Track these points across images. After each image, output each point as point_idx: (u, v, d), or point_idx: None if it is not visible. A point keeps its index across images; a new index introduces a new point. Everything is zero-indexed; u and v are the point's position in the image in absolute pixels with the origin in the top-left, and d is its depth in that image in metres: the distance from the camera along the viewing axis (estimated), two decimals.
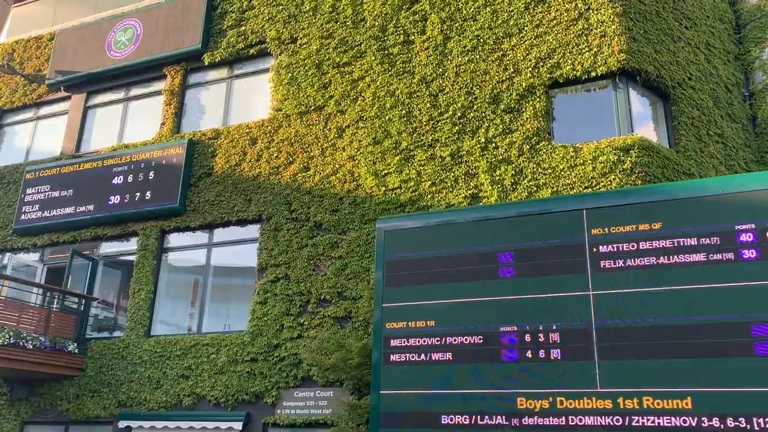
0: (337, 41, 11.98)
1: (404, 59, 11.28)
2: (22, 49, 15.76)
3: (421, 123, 10.72)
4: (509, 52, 10.52)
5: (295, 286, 10.62)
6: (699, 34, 11.17)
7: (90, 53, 14.42)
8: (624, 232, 5.66)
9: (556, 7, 10.45)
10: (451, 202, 10.02)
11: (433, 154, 10.43)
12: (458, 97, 10.59)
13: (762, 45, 11.54)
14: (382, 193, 10.55)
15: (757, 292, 5.06)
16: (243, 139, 12.14)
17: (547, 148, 9.71)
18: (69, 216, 12.92)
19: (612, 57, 9.79)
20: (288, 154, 11.61)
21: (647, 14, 10.40)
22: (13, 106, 15.34)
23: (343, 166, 11.05)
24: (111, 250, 12.97)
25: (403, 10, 11.62)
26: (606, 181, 9.13)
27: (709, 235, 5.36)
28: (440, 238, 6.29)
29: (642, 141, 9.27)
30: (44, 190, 13.40)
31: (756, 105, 11.27)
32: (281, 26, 12.68)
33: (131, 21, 14.28)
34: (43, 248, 13.47)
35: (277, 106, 12.12)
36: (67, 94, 14.76)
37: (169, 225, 12.20)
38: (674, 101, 10.22)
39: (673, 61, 10.43)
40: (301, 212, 11.07)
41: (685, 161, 9.72)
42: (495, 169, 9.91)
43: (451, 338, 5.82)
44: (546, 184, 9.49)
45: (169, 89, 13.44)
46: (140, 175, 12.54)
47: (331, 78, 11.78)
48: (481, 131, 10.23)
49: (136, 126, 13.83)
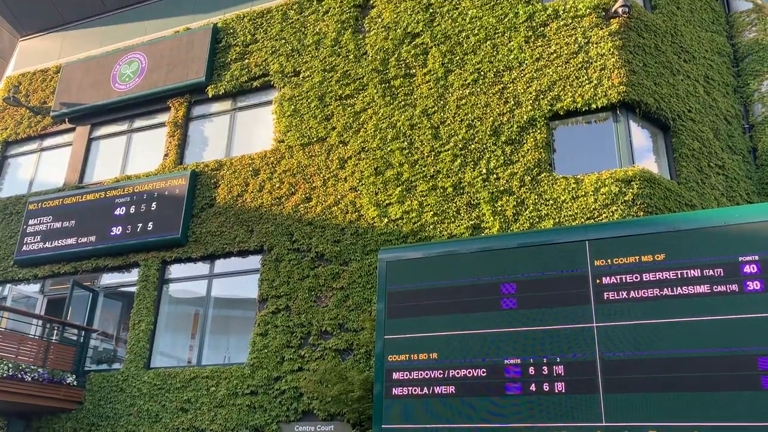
0: (340, 74, 12.12)
1: (406, 92, 11.39)
2: (28, 81, 15.95)
3: (423, 154, 10.78)
4: (510, 85, 10.62)
5: (296, 318, 10.55)
6: (698, 67, 11.28)
7: (95, 86, 14.58)
8: (627, 263, 5.64)
9: (556, 41, 10.59)
10: (453, 233, 10.01)
11: (435, 185, 10.46)
12: (459, 128, 10.66)
13: (760, 78, 11.65)
14: (384, 223, 10.55)
15: (763, 324, 5.01)
16: (245, 170, 12.19)
17: (549, 180, 9.74)
18: (70, 247, 12.91)
19: (612, 89, 9.88)
20: (290, 185, 11.65)
21: (646, 48, 10.52)
22: (18, 137, 15.46)
23: (345, 196, 11.08)
24: (112, 281, 12.93)
25: (405, 43, 11.78)
26: (608, 213, 9.13)
27: (713, 267, 5.34)
28: (442, 269, 6.27)
29: (643, 173, 9.30)
30: (46, 221, 13.41)
31: (756, 137, 11.32)
32: (284, 60, 12.83)
33: (136, 54, 14.47)
34: (44, 279, 13.42)
35: (280, 138, 12.20)
36: (71, 126, 14.88)
37: (171, 256, 12.18)
38: (675, 133, 10.27)
39: (672, 93, 10.52)
40: (303, 243, 11.06)
41: (687, 193, 9.73)
42: (496, 200, 9.93)
43: (454, 371, 5.76)
44: (548, 215, 9.49)
45: (173, 121, 13.55)
46: (142, 206, 12.57)
47: (334, 110, 11.89)
48: (482, 162, 10.27)
49: (140, 157, 13.91)
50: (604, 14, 10.50)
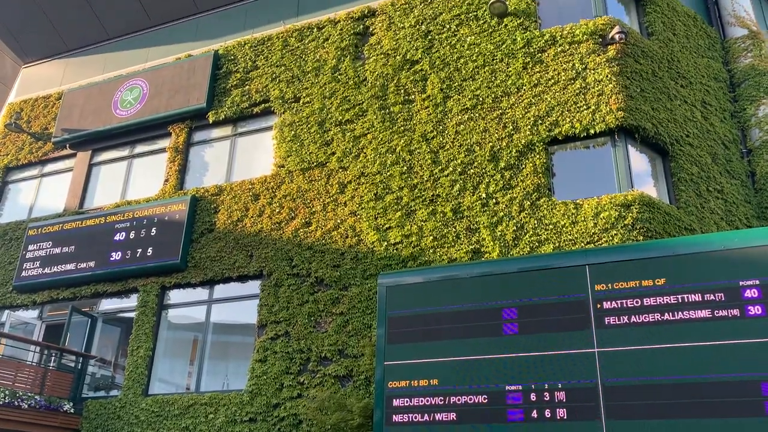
0: (339, 100, 12.21)
1: (405, 117, 11.47)
2: (30, 108, 16.06)
3: (422, 179, 10.82)
4: (508, 111, 10.70)
5: (295, 344, 10.49)
6: (695, 92, 11.38)
7: (96, 112, 14.68)
8: (627, 287, 5.63)
9: (554, 67, 10.69)
10: (453, 258, 10.00)
11: (435, 210, 10.48)
12: (458, 153, 10.71)
13: (757, 103, 11.74)
14: (384, 248, 10.54)
15: (766, 349, 4.98)
16: (245, 195, 12.22)
17: (548, 204, 9.76)
18: (69, 272, 12.88)
19: (610, 115, 9.95)
20: (290, 210, 11.66)
21: (643, 73, 10.62)
22: (19, 163, 15.52)
23: (345, 221, 11.09)
24: (110, 307, 12.88)
25: (404, 70, 11.89)
26: (608, 237, 9.13)
27: (714, 291, 5.33)
28: (443, 293, 6.25)
29: (642, 197, 9.32)
30: (46, 246, 13.40)
31: (754, 161, 11.37)
32: (284, 86, 12.95)
33: (138, 81, 14.59)
34: (43, 305, 13.37)
35: (280, 163, 12.25)
36: (72, 152, 14.95)
37: (170, 281, 12.14)
38: (673, 158, 10.33)
39: (670, 118, 10.59)
40: (303, 268, 11.04)
41: (686, 217, 9.75)
42: (496, 225, 9.93)
43: (455, 398, 5.71)
44: (548, 240, 9.49)
45: (174, 147, 13.62)
46: (142, 232, 12.57)
47: (333, 135, 11.96)
48: (481, 187, 10.30)
49: (140, 183, 13.95)
50: (601, 41, 10.63)
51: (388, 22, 12.59)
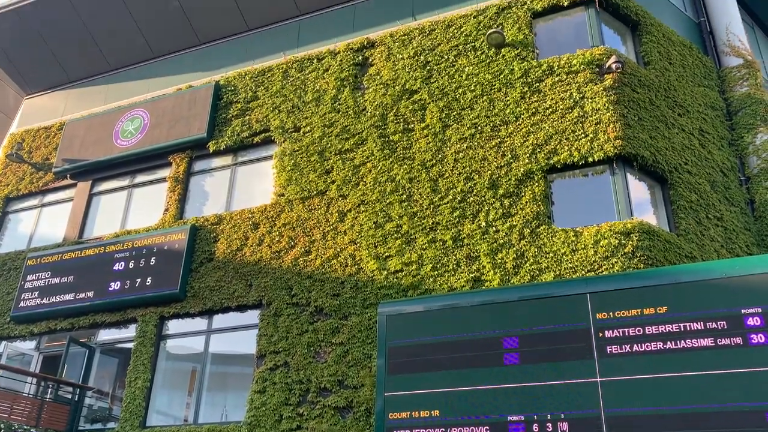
0: (339, 129, 12.30)
1: (404, 146, 11.54)
2: (32, 138, 16.15)
3: (422, 207, 10.83)
4: (507, 139, 10.77)
5: (294, 374, 10.39)
6: (692, 120, 11.47)
7: (97, 142, 14.76)
8: (629, 316, 5.60)
9: (552, 96, 10.79)
10: (453, 286, 9.96)
11: (434, 238, 10.47)
12: (458, 182, 10.75)
13: (754, 131, 11.82)
14: (384, 276, 10.51)
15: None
16: (245, 224, 12.22)
17: (548, 232, 9.76)
18: (68, 303, 12.81)
19: (608, 143, 10.01)
20: (289, 239, 11.66)
21: (640, 102, 10.71)
22: (19, 193, 15.55)
23: (345, 249, 11.07)
24: (109, 338, 12.78)
25: (403, 99, 12.00)
26: (608, 265, 9.11)
27: (716, 319, 5.30)
28: (443, 322, 6.22)
29: (642, 225, 9.33)
30: (44, 276, 13.35)
31: (753, 189, 11.41)
32: (285, 116, 13.04)
33: (139, 111, 14.70)
34: (40, 336, 13.27)
35: (280, 192, 12.28)
36: (72, 182, 14.99)
37: (169, 311, 12.07)
38: (672, 185, 10.36)
39: (668, 146, 10.65)
40: (302, 297, 10.99)
41: (687, 244, 9.74)
42: (496, 253, 9.92)
43: (456, 429, 5.63)
44: (548, 268, 9.47)
45: (174, 176, 13.67)
46: (141, 261, 12.54)
47: (333, 164, 12.01)
48: (481, 215, 10.31)
49: (140, 212, 13.96)
50: (598, 70, 10.74)
51: (387, 53, 12.74)
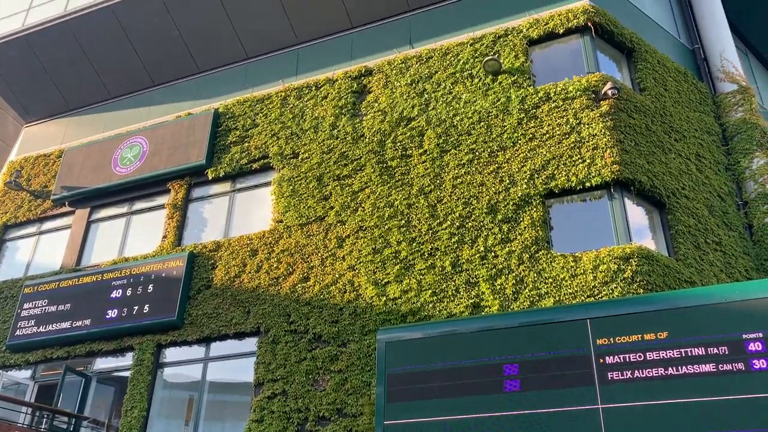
0: (338, 155, 12.35)
1: (402, 171, 11.57)
2: (31, 166, 16.19)
3: (421, 233, 10.82)
4: (504, 165, 10.81)
5: (292, 403, 10.27)
6: (688, 145, 11.53)
7: (96, 169, 14.79)
8: (630, 342, 5.56)
9: (548, 122, 10.86)
10: (452, 312, 9.91)
11: (433, 263, 10.44)
12: (456, 207, 10.76)
13: (750, 156, 11.88)
14: (383, 303, 10.46)
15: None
16: (243, 251, 12.19)
17: (547, 257, 9.74)
18: (64, 331, 12.71)
19: (605, 168, 10.05)
20: (288, 265, 11.62)
21: (637, 127, 10.79)
22: (17, 221, 15.53)
23: (343, 275, 11.03)
24: (105, 366, 12.65)
25: (401, 126, 12.07)
26: (607, 290, 9.08)
27: (717, 345, 5.27)
28: (443, 349, 6.17)
29: (641, 250, 9.32)
30: (41, 304, 13.27)
31: (751, 213, 11.43)
32: (283, 143, 13.10)
33: (138, 139, 14.77)
34: (36, 364, 13.14)
35: (278, 218, 12.28)
36: (71, 209, 14.98)
37: (166, 339, 11.98)
38: (670, 210, 10.37)
39: (665, 171, 10.70)
40: (300, 324, 10.91)
41: (686, 269, 9.72)
42: (496, 278, 9.89)
43: None
44: (548, 294, 9.43)
45: (172, 203, 13.67)
46: (139, 289, 12.48)
47: (332, 190, 12.03)
48: (480, 240, 10.30)
49: (138, 239, 13.94)
50: (594, 96, 10.83)
51: (384, 80, 12.85)
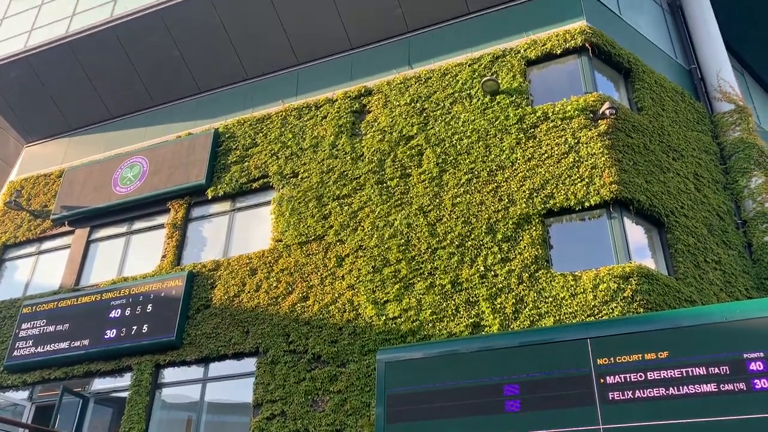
0: (337, 175, 12.39)
1: (402, 191, 11.60)
2: (31, 185, 16.22)
3: (420, 251, 10.82)
4: (503, 184, 10.84)
5: (291, 424, 10.19)
6: (687, 165, 11.58)
7: (96, 189, 14.82)
8: (630, 361, 5.55)
9: (546, 142, 10.91)
10: (452, 332, 9.87)
11: (433, 283, 10.43)
12: (455, 226, 10.77)
13: (748, 175, 11.92)
14: (382, 322, 10.42)
15: None
16: (243, 270, 12.18)
17: (546, 276, 9.73)
18: (62, 351, 12.65)
19: (604, 187, 10.08)
20: (287, 284, 11.60)
21: (635, 147, 10.84)
22: (17, 241, 15.52)
23: (343, 295, 11.01)
24: (103, 387, 12.57)
25: (400, 145, 12.13)
26: (608, 309, 9.06)
27: (718, 364, 5.25)
28: (443, 369, 6.14)
29: (641, 269, 9.31)
30: (40, 324, 13.22)
31: (750, 232, 11.44)
32: (283, 162, 13.15)
33: (138, 158, 14.82)
34: (33, 385, 13.04)
35: (278, 237, 12.28)
36: (70, 229, 14.98)
37: (165, 359, 11.92)
38: (669, 229, 10.39)
39: (664, 190, 10.73)
40: (299, 344, 10.87)
41: (686, 288, 9.71)
42: (495, 298, 9.87)
43: None
44: (548, 313, 9.41)
45: (172, 223, 13.68)
46: (138, 308, 12.44)
47: (331, 209, 12.05)
48: (479, 259, 10.30)
49: (137, 259, 13.92)
50: (591, 116, 10.90)
51: (384, 100, 12.94)
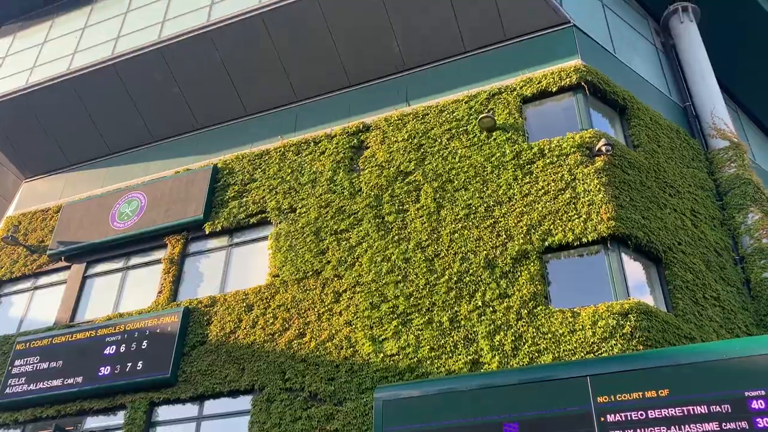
0: (335, 210, 12.41)
1: (399, 226, 11.61)
2: (28, 221, 16.21)
3: (418, 287, 10.77)
4: (501, 219, 10.86)
5: None
6: (683, 201, 11.63)
7: (93, 224, 14.80)
8: (631, 399, 5.49)
9: (543, 178, 10.97)
10: (451, 369, 9.76)
11: (431, 319, 10.35)
12: (453, 262, 10.75)
13: (745, 211, 11.96)
14: (380, 359, 10.31)
15: None
16: (239, 306, 12.09)
17: (545, 313, 9.67)
18: (55, 389, 12.46)
19: (601, 224, 10.10)
20: (284, 320, 11.51)
21: (632, 183, 10.90)
22: (12, 276, 15.43)
23: (340, 331, 10.91)
24: (96, 425, 12.33)
25: (398, 181, 12.18)
26: (607, 347, 8.98)
27: (719, 403, 5.19)
28: (442, 407, 6.06)
29: (640, 305, 9.27)
30: (33, 361, 13.05)
31: (748, 269, 11.42)
32: (281, 197, 13.19)
33: (136, 194, 14.84)
34: (25, 424, 12.81)
35: (275, 272, 12.23)
36: (67, 264, 14.91)
37: (159, 397, 11.74)
38: (667, 265, 10.37)
39: (661, 226, 10.75)
40: (296, 381, 10.73)
41: (685, 325, 9.65)
42: (494, 334, 9.79)
43: None
44: (547, 350, 9.32)
45: (169, 258, 13.63)
46: (133, 345, 12.30)
47: (329, 244, 12.03)
48: (477, 295, 10.25)
49: (133, 294, 13.83)
50: (588, 152, 10.99)
51: (382, 136, 13.05)
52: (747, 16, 15.29)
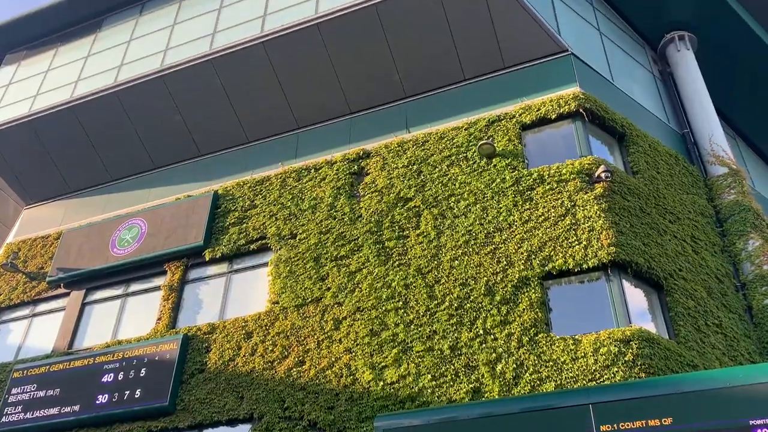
0: (335, 236, 12.40)
1: (399, 252, 11.59)
2: (28, 248, 16.19)
3: (418, 314, 10.72)
4: (501, 246, 10.85)
5: None
6: (683, 227, 11.63)
7: (93, 251, 14.78)
8: (634, 428, 5.42)
9: (543, 204, 10.99)
10: (452, 398, 9.66)
11: (432, 347, 10.28)
12: (454, 288, 10.71)
13: (745, 237, 11.95)
14: (380, 388, 10.21)
15: None
16: (238, 333, 12.02)
17: (546, 340, 9.61)
18: (52, 417, 12.32)
19: (602, 250, 10.08)
20: (283, 348, 11.42)
21: (631, 210, 10.91)
22: (11, 303, 15.36)
23: (340, 359, 10.83)
24: None
25: (398, 207, 12.20)
26: (609, 374, 8.90)
27: (723, 431, 5.12)
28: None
29: (641, 332, 9.21)
30: (30, 389, 12.92)
31: (749, 295, 11.38)
32: (281, 223, 13.19)
33: (137, 220, 14.85)
34: None
35: (274, 299, 12.18)
36: (66, 291, 14.86)
37: (157, 426, 11.59)
38: (668, 292, 10.33)
39: (662, 253, 10.73)
40: (295, 410, 10.61)
41: (687, 352, 9.58)
42: (496, 362, 9.70)
43: None
44: (549, 377, 9.24)
45: (168, 284, 13.59)
46: (131, 373, 12.20)
47: (329, 270, 12.00)
48: (478, 322, 10.19)
49: (132, 321, 13.75)
50: (587, 179, 11.02)
51: (382, 162, 13.11)
52: (743, 43, 15.48)
